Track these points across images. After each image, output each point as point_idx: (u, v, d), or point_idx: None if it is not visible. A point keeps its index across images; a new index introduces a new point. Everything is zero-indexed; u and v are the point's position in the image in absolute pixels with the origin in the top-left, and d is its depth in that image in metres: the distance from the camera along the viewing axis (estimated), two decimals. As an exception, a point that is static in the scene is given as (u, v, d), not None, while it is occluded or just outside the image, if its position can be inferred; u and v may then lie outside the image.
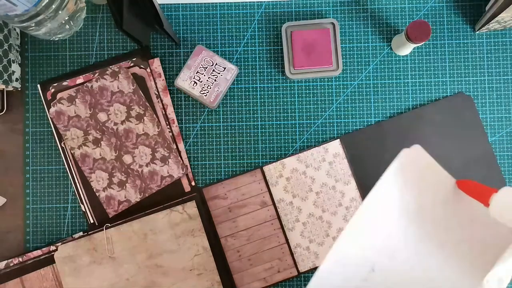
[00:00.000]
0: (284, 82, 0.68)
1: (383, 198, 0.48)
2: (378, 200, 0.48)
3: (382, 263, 0.49)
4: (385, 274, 0.49)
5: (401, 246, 0.49)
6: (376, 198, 0.48)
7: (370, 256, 0.48)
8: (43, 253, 0.65)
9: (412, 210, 0.49)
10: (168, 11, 0.69)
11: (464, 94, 0.68)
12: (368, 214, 0.48)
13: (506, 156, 0.68)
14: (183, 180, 0.67)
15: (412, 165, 0.49)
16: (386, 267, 0.49)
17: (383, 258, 0.49)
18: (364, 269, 0.49)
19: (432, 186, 0.49)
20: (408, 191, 0.49)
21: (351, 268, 0.48)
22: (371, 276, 0.49)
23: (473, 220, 0.50)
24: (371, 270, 0.49)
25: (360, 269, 0.48)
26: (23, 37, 0.69)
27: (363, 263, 0.48)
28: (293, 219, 0.66)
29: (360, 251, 0.48)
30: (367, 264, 0.48)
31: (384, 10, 0.69)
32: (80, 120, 0.66)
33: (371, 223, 0.48)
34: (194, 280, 0.64)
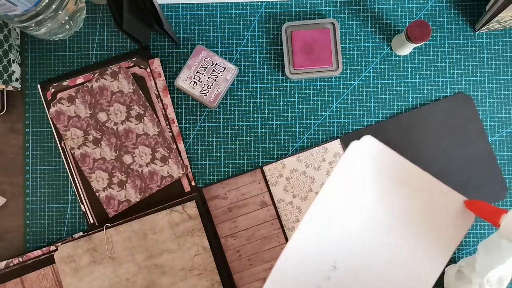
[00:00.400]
0: (284, 82, 0.68)
1: (338, 188, 0.48)
2: (333, 191, 0.48)
3: (343, 258, 0.48)
4: (347, 271, 0.48)
5: (361, 237, 0.48)
6: (330, 189, 0.47)
7: (330, 250, 0.47)
8: (43, 253, 0.65)
9: (370, 197, 0.48)
10: (168, 11, 0.69)
11: (464, 94, 0.68)
12: (323, 206, 0.47)
13: (506, 156, 0.68)
14: (183, 180, 0.67)
15: (364, 155, 0.48)
16: (348, 263, 0.48)
17: (344, 252, 0.48)
18: (325, 267, 0.47)
19: (388, 172, 0.49)
20: (363, 180, 0.48)
21: (311, 267, 0.47)
22: (334, 274, 0.47)
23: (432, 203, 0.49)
24: (333, 267, 0.48)
25: (321, 267, 0.47)
26: (23, 37, 0.69)
27: (324, 260, 0.47)
28: (293, 219, 0.66)
29: (319, 245, 0.47)
30: (328, 260, 0.47)
31: (384, 10, 0.69)
32: (80, 120, 0.66)
33: (327, 215, 0.47)
34: (194, 280, 0.64)
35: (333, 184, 0.48)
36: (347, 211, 0.48)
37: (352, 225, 0.48)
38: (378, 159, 0.49)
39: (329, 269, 0.47)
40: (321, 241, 0.47)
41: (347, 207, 0.48)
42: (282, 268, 0.46)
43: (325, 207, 0.47)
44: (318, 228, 0.47)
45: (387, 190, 0.49)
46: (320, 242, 0.47)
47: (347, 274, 0.47)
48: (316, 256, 0.47)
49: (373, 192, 0.49)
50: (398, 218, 0.49)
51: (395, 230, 0.48)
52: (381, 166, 0.49)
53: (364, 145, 0.48)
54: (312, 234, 0.47)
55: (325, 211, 0.47)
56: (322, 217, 0.47)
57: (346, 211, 0.48)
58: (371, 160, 0.48)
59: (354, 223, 0.48)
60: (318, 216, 0.47)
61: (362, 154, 0.48)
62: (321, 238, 0.47)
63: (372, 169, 0.48)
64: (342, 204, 0.48)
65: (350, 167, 0.48)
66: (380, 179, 0.49)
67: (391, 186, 0.49)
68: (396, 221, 0.49)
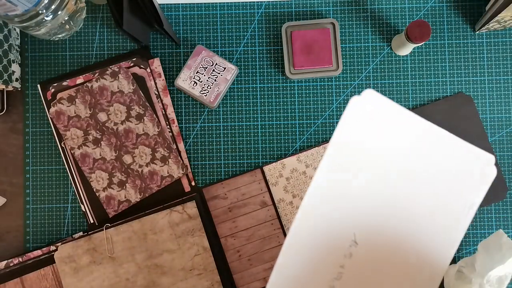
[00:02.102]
0: (284, 82, 0.68)
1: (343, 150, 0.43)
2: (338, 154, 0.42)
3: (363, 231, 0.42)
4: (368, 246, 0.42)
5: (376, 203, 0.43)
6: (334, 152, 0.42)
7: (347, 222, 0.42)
8: (43, 253, 0.65)
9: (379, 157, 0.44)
10: (168, 11, 0.69)
11: (464, 94, 0.68)
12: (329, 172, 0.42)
13: (506, 156, 0.68)
14: (183, 180, 0.67)
15: (366, 110, 0.43)
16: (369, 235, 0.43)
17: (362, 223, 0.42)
18: (345, 242, 0.42)
19: (396, 129, 0.44)
20: (368, 138, 0.44)
21: (329, 243, 0.42)
22: (355, 250, 0.42)
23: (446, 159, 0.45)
24: (353, 242, 0.42)
25: (340, 242, 0.42)
26: (23, 37, 0.69)
27: (342, 234, 0.42)
28: (293, 219, 0.66)
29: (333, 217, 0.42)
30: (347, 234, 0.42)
31: (384, 10, 0.69)
32: (80, 120, 0.66)
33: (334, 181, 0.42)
34: (194, 280, 0.64)
35: (336, 146, 0.42)
36: (355, 174, 0.43)
37: (363, 190, 0.43)
38: (382, 114, 0.44)
39: (350, 244, 0.43)
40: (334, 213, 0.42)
41: (355, 169, 0.43)
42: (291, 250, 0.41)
43: (331, 172, 0.42)
44: (327, 198, 0.42)
45: (398, 148, 0.44)
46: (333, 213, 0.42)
47: (369, 249, 0.43)
48: (333, 230, 0.42)
49: (381, 152, 0.44)
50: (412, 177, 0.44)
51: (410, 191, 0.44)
52: (387, 122, 0.44)
53: (365, 100, 0.43)
54: (321, 205, 0.41)
55: (332, 176, 0.42)
56: (329, 184, 0.42)
57: (355, 174, 0.43)
58: (375, 115, 0.43)
59: (365, 188, 0.43)
60: (324, 183, 0.42)
61: (364, 110, 0.43)
62: (333, 209, 0.42)
63: (377, 125, 0.43)
64: (349, 166, 0.43)
65: (353, 125, 0.43)
66: (387, 136, 0.44)
67: (400, 143, 0.44)
68: (409, 181, 0.44)
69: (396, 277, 0.44)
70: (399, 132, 0.44)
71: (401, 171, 0.44)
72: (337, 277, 0.42)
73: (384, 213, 0.43)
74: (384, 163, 0.44)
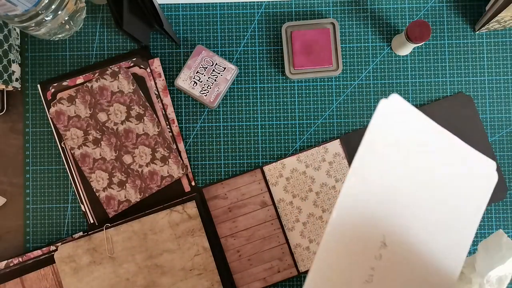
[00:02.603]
0: (284, 82, 0.68)
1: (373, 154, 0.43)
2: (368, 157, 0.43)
3: (391, 232, 0.43)
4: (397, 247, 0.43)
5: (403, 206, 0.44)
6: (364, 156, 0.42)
7: (377, 224, 0.43)
8: (43, 253, 0.65)
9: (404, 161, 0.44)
10: (168, 11, 0.69)
11: (464, 94, 0.68)
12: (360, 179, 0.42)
13: (506, 156, 0.68)
14: (183, 180, 0.67)
15: (393, 115, 0.44)
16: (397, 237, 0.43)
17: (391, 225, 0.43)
18: (375, 244, 0.43)
19: (417, 134, 0.45)
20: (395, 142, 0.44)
21: (359, 245, 0.42)
22: (385, 252, 0.43)
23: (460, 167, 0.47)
24: (382, 244, 0.43)
25: (370, 245, 0.43)
26: (23, 37, 0.69)
27: (372, 236, 0.42)
28: (293, 219, 0.66)
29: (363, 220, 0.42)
30: (376, 236, 0.43)
31: (384, 10, 0.69)
32: (80, 120, 0.66)
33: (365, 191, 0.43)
34: (194, 280, 0.64)
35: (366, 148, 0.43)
36: (383, 176, 0.43)
37: (391, 194, 0.44)
38: (405, 119, 0.44)
39: (379, 246, 0.43)
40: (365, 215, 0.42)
41: (382, 172, 0.43)
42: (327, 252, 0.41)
43: (362, 174, 0.42)
44: (358, 202, 0.42)
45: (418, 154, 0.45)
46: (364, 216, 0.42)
47: (398, 250, 0.43)
48: (364, 233, 0.42)
49: (405, 155, 0.44)
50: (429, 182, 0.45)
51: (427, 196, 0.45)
52: (409, 127, 0.44)
53: (391, 103, 0.44)
54: (353, 208, 0.42)
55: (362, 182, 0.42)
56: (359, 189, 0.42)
57: (382, 176, 0.43)
58: (400, 120, 0.44)
59: (392, 192, 0.44)
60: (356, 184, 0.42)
61: (391, 114, 0.44)
62: (364, 212, 0.42)
63: (401, 130, 0.44)
64: (378, 168, 0.43)
65: (382, 128, 0.43)
66: (410, 140, 0.45)
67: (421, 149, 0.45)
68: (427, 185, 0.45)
69: (418, 277, 0.44)
70: (419, 137, 0.45)
71: (420, 176, 0.45)
72: (368, 279, 0.43)
73: (407, 216, 0.44)
74: (407, 166, 0.45)
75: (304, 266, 0.66)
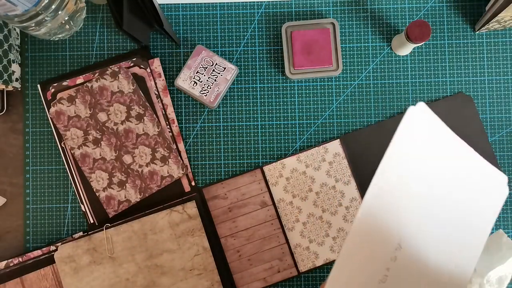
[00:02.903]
0: (284, 82, 0.68)
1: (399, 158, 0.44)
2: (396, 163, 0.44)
3: (408, 237, 0.45)
4: (411, 251, 0.45)
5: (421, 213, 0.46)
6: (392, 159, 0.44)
7: (395, 228, 0.44)
8: (43, 253, 0.65)
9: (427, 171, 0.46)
10: (168, 11, 0.69)
11: (464, 94, 0.68)
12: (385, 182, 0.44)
13: (506, 156, 0.68)
14: (183, 180, 0.67)
15: (419, 123, 0.45)
16: (412, 242, 0.45)
17: (408, 230, 0.45)
18: (391, 246, 0.44)
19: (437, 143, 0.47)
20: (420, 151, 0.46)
21: (378, 246, 0.44)
22: (400, 254, 0.44)
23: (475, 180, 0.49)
24: (398, 246, 0.44)
25: (387, 246, 0.44)
26: (23, 37, 0.69)
27: (389, 239, 0.44)
28: (293, 219, 0.66)
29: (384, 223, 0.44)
30: (394, 239, 0.44)
31: (384, 10, 0.69)
32: (80, 120, 0.66)
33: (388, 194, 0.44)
34: (194, 280, 0.64)
35: (393, 154, 0.44)
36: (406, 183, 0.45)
37: (412, 201, 0.45)
38: (430, 128, 0.46)
39: (395, 248, 0.44)
40: (386, 219, 0.44)
41: (406, 178, 0.45)
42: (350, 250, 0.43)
43: (386, 180, 0.44)
44: (382, 203, 0.43)
45: (439, 163, 0.47)
46: (385, 220, 0.44)
47: (412, 253, 0.45)
48: (383, 234, 0.44)
49: (427, 164, 0.46)
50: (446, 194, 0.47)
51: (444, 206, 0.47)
52: (433, 137, 0.46)
53: (418, 112, 0.45)
54: (376, 211, 0.43)
55: (386, 184, 0.44)
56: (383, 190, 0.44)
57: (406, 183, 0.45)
58: (425, 129, 0.46)
59: (413, 200, 0.45)
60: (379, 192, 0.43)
61: (418, 121, 0.45)
62: (385, 216, 0.44)
63: (425, 138, 0.46)
64: (403, 176, 0.45)
65: (409, 134, 0.45)
66: (432, 150, 0.46)
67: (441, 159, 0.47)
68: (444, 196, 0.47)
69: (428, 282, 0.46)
70: (440, 147, 0.47)
71: (438, 184, 0.47)
72: (382, 279, 0.44)
73: (423, 222, 0.46)
74: (428, 174, 0.46)
75: (304, 266, 0.66)
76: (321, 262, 0.66)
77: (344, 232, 0.66)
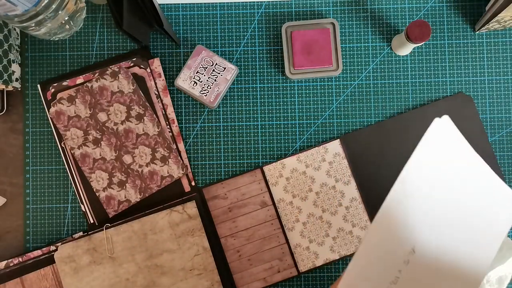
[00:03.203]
0: (284, 82, 0.68)
1: (422, 167, 0.46)
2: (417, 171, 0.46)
3: (421, 242, 0.47)
4: (424, 256, 0.47)
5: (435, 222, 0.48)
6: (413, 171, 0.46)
7: (411, 233, 0.46)
8: (43, 253, 0.65)
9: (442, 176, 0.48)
10: (168, 11, 0.69)
11: (464, 94, 0.68)
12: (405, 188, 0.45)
13: (506, 156, 0.68)
14: (183, 180, 0.67)
15: (443, 135, 0.47)
16: (425, 248, 0.47)
17: (422, 236, 0.47)
18: (405, 251, 0.46)
19: (456, 157, 0.49)
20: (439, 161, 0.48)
21: (392, 248, 0.45)
22: (413, 258, 0.46)
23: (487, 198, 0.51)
24: (412, 251, 0.46)
25: (401, 250, 0.46)
26: (23, 37, 0.69)
27: (404, 243, 0.46)
28: (293, 219, 0.66)
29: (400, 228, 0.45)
30: (408, 243, 0.46)
31: (384, 10, 0.69)
32: (80, 120, 0.66)
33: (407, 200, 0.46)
34: (194, 280, 0.64)
35: (416, 162, 0.46)
36: (426, 194, 0.47)
37: (429, 209, 0.47)
38: (452, 141, 0.48)
39: (409, 252, 0.46)
40: (403, 223, 0.46)
41: (426, 189, 0.47)
42: (367, 250, 0.44)
43: (407, 187, 0.45)
44: (400, 208, 0.45)
45: (456, 176, 0.49)
46: (402, 224, 0.46)
47: (424, 258, 0.47)
48: (399, 237, 0.46)
49: (445, 176, 0.48)
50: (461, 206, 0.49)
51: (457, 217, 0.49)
52: (454, 150, 0.48)
53: (443, 124, 0.47)
54: (395, 210, 0.45)
55: (405, 190, 0.46)
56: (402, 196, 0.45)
57: (426, 194, 0.47)
58: (447, 141, 0.48)
59: (430, 208, 0.47)
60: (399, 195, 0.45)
61: (442, 134, 0.47)
62: (402, 220, 0.46)
63: (446, 151, 0.48)
64: (422, 185, 0.46)
65: (432, 145, 0.47)
66: (452, 163, 0.48)
67: (458, 173, 0.49)
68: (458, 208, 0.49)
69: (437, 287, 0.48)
70: (459, 161, 0.49)
71: (453, 197, 0.48)
72: (394, 280, 0.46)
73: (437, 231, 0.48)
74: (445, 186, 0.48)
75: (304, 266, 0.66)
76: (321, 262, 0.66)
77: (344, 232, 0.66)
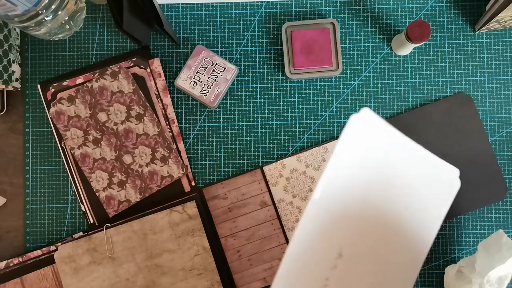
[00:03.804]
0: (284, 82, 0.68)
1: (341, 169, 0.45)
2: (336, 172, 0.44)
3: (348, 244, 0.45)
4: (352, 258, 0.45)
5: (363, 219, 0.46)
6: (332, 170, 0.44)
7: (335, 237, 0.45)
8: (43, 253, 0.65)
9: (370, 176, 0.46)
10: (168, 11, 0.69)
11: (464, 94, 0.68)
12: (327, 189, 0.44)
13: (506, 156, 0.68)
14: (183, 180, 0.67)
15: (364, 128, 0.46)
16: (353, 249, 0.45)
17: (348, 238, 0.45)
18: (331, 256, 0.44)
19: (385, 147, 0.47)
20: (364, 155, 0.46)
21: (317, 257, 0.44)
22: (340, 262, 0.45)
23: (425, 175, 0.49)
24: (338, 255, 0.45)
25: (327, 256, 0.44)
26: (23, 37, 0.69)
27: (329, 248, 0.44)
28: (293, 219, 0.66)
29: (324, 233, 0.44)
30: (333, 248, 0.44)
31: (384, 10, 0.69)
32: (80, 120, 0.66)
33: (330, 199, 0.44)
34: (194, 280, 0.64)
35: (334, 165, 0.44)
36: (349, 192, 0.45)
37: (354, 207, 0.46)
38: (376, 132, 0.47)
39: (335, 257, 0.45)
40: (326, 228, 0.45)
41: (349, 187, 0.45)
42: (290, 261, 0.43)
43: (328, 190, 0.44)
44: (322, 214, 0.44)
45: (387, 167, 0.47)
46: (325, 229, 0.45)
47: (352, 261, 0.46)
48: (323, 245, 0.44)
49: (373, 170, 0.47)
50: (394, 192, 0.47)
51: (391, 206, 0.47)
52: (379, 139, 0.47)
53: (362, 118, 0.46)
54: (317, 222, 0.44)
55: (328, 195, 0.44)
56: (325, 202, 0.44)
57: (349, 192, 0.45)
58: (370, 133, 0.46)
59: (356, 205, 0.46)
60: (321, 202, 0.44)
61: (362, 128, 0.46)
62: (325, 225, 0.45)
63: (371, 142, 0.46)
64: (344, 184, 0.45)
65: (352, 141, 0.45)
66: (378, 154, 0.47)
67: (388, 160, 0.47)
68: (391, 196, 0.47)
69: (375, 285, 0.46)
70: (387, 149, 0.47)
71: (384, 187, 0.47)
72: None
73: (366, 228, 0.46)
74: (372, 179, 0.46)
75: (304, 266, 0.66)
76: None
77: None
